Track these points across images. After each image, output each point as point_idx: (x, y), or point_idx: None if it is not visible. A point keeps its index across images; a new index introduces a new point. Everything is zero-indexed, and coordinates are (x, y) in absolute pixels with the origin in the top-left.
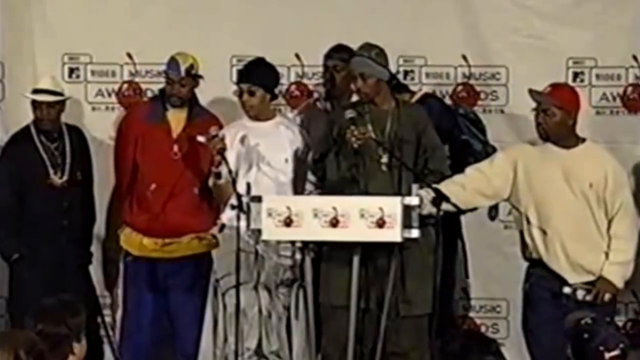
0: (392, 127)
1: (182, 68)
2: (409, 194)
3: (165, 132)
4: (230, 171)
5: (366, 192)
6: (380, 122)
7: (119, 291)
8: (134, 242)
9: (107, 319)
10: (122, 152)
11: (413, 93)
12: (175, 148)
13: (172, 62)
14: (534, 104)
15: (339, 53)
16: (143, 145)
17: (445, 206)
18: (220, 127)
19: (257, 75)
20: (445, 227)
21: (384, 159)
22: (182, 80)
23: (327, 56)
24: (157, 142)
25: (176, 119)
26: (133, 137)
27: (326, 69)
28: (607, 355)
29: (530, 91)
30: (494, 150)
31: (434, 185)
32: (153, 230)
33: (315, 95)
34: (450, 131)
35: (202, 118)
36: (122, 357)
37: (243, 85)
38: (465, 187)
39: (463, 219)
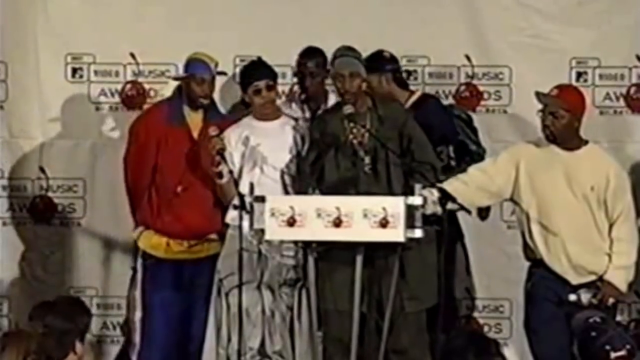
0: (372, 126)
1: (212, 66)
2: (402, 193)
3: (186, 134)
4: (230, 171)
5: (357, 193)
6: (360, 122)
7: (137, 293)
8: (158, 244)
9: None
10: (142, 155)
11: (412, 92)
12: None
13: (199, 63)
14: (537, 104)
15: (312, 57)
16: (165, 148)
17: (450, 206)
18: (222, 129)
19: (269, 71)
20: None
21: (367, 160)
22: (213, 80)
23: (300, 61)
24: (179, 145)
25: (194, 120)
26: (154, 140)
27: (301, 74)
28: (613, 355)
29: (537, 94)
30: (485, 151)
31: (439, 185)
32: (178, 232)
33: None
34: (449, 132)
35: (218, 119)
36: (145, 358)
37: (260, 82)
38: (469, 186)
39: (460, 217)
